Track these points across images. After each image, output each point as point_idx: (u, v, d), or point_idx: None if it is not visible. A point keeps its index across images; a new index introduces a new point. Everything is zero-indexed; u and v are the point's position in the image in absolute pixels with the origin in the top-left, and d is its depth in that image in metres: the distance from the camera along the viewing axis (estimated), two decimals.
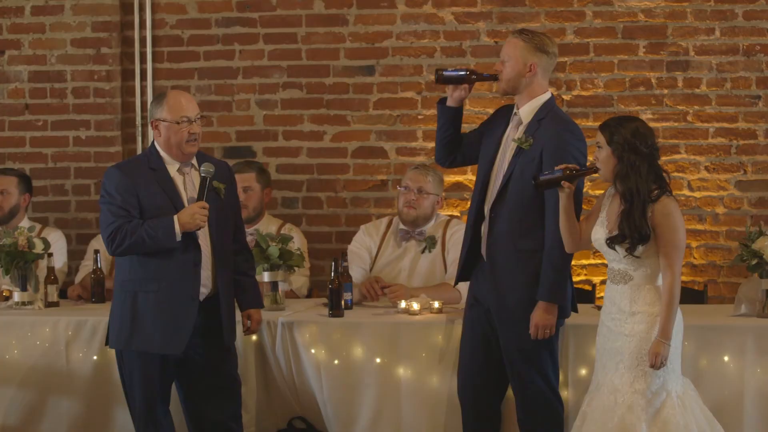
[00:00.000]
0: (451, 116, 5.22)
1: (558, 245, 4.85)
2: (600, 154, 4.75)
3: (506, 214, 4.96)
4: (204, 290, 5.06)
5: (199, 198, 5.01)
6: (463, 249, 5.21)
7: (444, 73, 5.15)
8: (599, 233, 4.78)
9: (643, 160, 4.67)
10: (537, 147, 4.92)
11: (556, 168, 4.74)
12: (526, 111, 5.03)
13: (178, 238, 4.94)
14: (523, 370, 4.99)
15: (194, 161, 5.15)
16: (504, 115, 5.18)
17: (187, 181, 5.11)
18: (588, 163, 4.90)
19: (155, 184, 5.04)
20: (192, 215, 4.95)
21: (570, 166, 4.74)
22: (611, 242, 4.69)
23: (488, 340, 5.11)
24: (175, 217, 4.95)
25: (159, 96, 5.16)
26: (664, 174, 4.73)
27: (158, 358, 5.04)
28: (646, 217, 4.63)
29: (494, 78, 5.10)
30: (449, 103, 5.20)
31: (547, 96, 5.06)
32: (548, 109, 5.02)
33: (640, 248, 4.65)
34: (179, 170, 5.12)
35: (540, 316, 4.89)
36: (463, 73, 5.15)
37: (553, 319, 4.90)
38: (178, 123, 5.03)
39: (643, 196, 4.64)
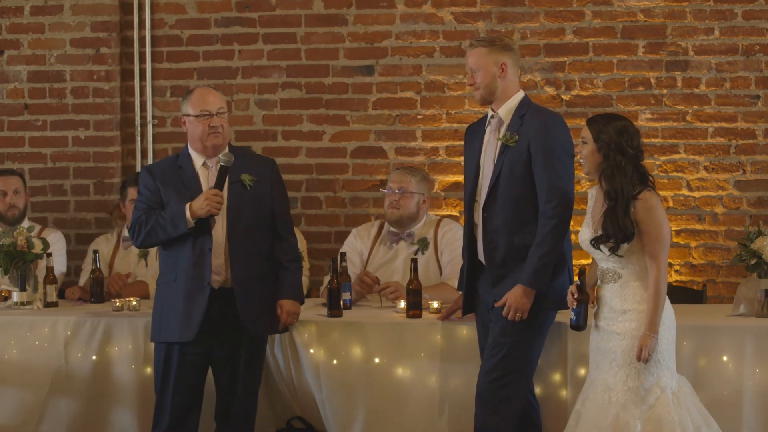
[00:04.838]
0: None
1: (548, 238, 4.87)
2: (584, 149, 4.77)
3: (499, 212, 4.98)
4: (217, 278, 5.15)
5: (217, 186, 5.13)
6: (464, 260, 5.21)
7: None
8: (585, 233, 4.80)
9: (628, 161, 4.69)
10: (523, 141, 4.96)
11: (571, 309, 4.83)
12: (504, 111, 5.06)
13: (189, 224, 5.09)
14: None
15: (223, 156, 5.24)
16: (476, 127, 5.21)
17: (210, 175, 5.23)
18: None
19: (180, 181, 5.21)
20: (203, 200, 5.08)
21: (570, 298, 4.82)
22: (596, 243, 4.71)
23: None
24: (187, 205, 5.09)
25: (186, 93, 5.34)
26: (649, 176, 4.75)
27: (178, 349, 5.15)
28: (629, 215, 4.65)
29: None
30: None
31: (521, 94, 5.09)
32: (527, 105, 5.06)
33: (624, 246, 4.67)
34: (204, 165, 5.26)
35: (515, 297, 4.90)
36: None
37: (528, 303, 4.90)
38: (198, 117, 5.18)
39: (627, 196, 4.66)
